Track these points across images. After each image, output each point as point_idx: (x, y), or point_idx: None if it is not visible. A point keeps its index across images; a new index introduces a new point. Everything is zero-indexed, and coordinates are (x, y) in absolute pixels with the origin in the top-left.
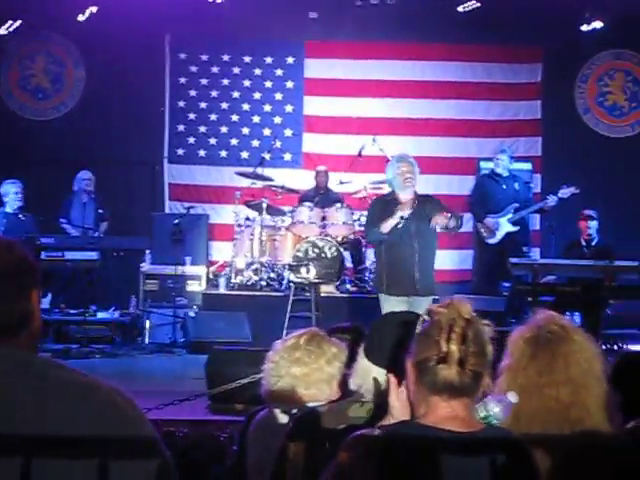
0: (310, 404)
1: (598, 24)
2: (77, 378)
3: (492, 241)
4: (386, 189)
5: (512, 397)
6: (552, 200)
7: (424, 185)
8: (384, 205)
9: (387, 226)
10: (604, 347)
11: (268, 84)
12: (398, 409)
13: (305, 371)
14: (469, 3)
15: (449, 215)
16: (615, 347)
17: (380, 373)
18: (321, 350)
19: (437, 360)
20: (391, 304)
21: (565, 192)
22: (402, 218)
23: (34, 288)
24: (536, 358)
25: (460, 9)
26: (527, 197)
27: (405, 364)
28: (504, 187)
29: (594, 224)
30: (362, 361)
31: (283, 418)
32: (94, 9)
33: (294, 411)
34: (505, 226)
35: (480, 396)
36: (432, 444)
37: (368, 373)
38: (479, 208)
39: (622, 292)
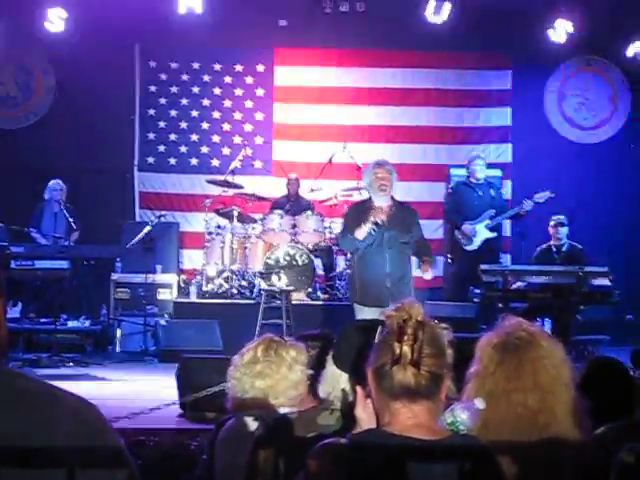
0: (281, 410)
1: (568, 29)
2: (40, 387)
3: (470, 248)
4: (356, 196)
5: (479, 403)
6: (528, 205)
7: (394, 193)
8: (359, 212)
9: (361, 233)
10: (574, 353)
11: (238, 92)
12: (365, 421)
13: (269, 383)
14: (438, 9)
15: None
16: (585, 353)
17: (348, 380)
18: (280, 358)
19: (391, 363)
20: (365, 314)
21: (540, 196)
22: (376, 225)
23: None
24: (504, 364)
25: (431, 17)
26: (502, 203)
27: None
28: (480, 194)
29: (564, 230)
30: (331, 368)
31: (252, 425)
32: (63, 15)
33: (264, 418)
34: (482, 232)
35: (446, 402)
36: (398, 452)
37: (337, 380)
38: (456, 215)
39: (592, 298)
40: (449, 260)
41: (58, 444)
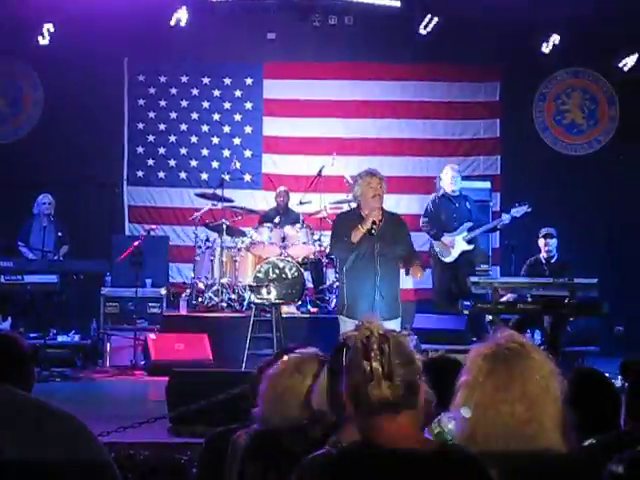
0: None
1: (556, 41)
2: (28, 402)
3: (448, 259)
4: (346, 209)
5: (465, 412)
6: (506, 219)
7: (384, 204)
8: (349, 220)
9: (357, 235)
10: (564, 364)
11: (227, 105)
12: None
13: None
14: (426, 21)
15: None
16: (575, 364)
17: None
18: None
19: (364, 382)
20: (349, 327)
21: (518, 210)
22: (374, 225)
23: None
24: (493, 374)
25: (419, 29)
26: (478, 216)
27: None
28: (457, 206)
29: (554, 242)
30: (324, 379)
31: (242, 438)
32: (50, 27)
33: (253, 431)
34: (460, 244)
35: (430, 412)
36: (387, 463)
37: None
38: (435, 227)
39: (582, 309)
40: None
41: (46, 458)
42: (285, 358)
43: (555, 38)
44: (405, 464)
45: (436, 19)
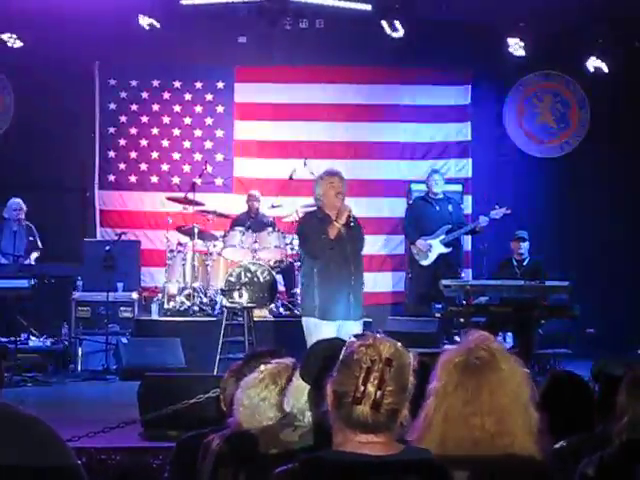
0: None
1: (526, 44)
2: None
3: (425, 263)
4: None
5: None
6: (484, 221)
7: (354, 208)
8: (317, 221)
9: (333, 230)
10: (536, 367)
11: (198, 109)
12: None
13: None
14: (396, 25)
15: None
16: (547, 366)
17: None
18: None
19: (352, 399)
20: (319, 328)
21: (497, 213)
22: (348, 218)
23: None
24: (462, 386)
25: (390, 33)
26: (460, 219)
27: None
28: (437, 209)
29: (525, 245)
30: (297, 382)
31: (214, 442)
32: (21, 33)
33: (225, 434)
34: (437, 248)
35: (402, 434)
36: (352, 468)
37: (301, 393)
38: (412, 230)
39: (553, 312)
40: (409, 276)
41: (14, 463)
42: (261, 368)
43: (525, 41)
44: (371, 470)
45: (407, 23)
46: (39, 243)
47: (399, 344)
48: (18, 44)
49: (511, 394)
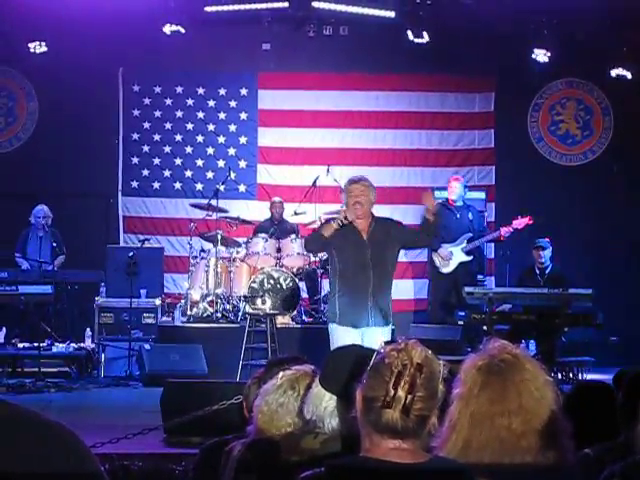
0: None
1: (550, 52)
2: (19, 413)
3: (446, 270)
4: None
5: None
6: (506, 231)
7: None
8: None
9: (328, 229)
10: (559, 375)
11: (222, 116)
12: None
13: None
14: (420, 32)
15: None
16: (570, 375)
17: (333, 400)
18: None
19: (382, 403)
20: (341, 335)
21: (519, 223)
22: (345, 220)
23: None
24: (488, 386)
25: (414, 40)
26: (481, 227)
27: (355, 393)
28: (458, 217)
29: (547, 253)
30: (316, 389)
31: (236, 449)
32: (46, 39)
33: (247, 442)
34: (458, 255)
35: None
36: (379, 474)
37: (321, 400)
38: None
39: (576, 320)
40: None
41: (37, 470)
42: (280, 375)
43: (549, 49)
44: (397, 478)
45: (431, 31)
46: (63, 249)
47: (430, 351)
48: (43, 50)
49: (537, 393)
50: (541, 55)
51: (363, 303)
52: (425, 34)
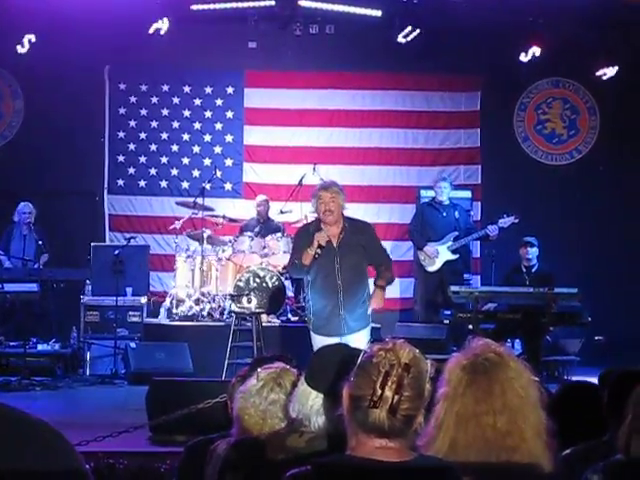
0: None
1: (536, 51)
2: (4, 411)
3: (432, 269)
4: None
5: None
6: (493, 230)
7: (363, 214)
8: (309, 234)
9: (307, 257)
10: (544, 374)
11: (208, 114)
12: None
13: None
14: (407, 31)
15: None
16: (555, 374)
17: (319, 399)
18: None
19: (369, 403)
20: (319, 343)
21: (505, 221)
22: (320, 248)
23: None
24: (473, 385)
25: (400, 39)
26: (467, 225)
27: (342, 391)
28: (444, 215)
29: (534, 251)
30: (302, 387)
31: (221, 448)
32: (32, 37)
33: (232, 440)
34: (444, 254)
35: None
36: (365, 472)
37: (307, 398)
38: (419, 236)
39: (562, 319)
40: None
41: (20, 468)
42: (259, 375)
43: (535, 48)
44: (383, 476)
45: (417, 29)
46: (46, 246)
47: (417, 351)
48: (28, 49)
49: (521, 392)
50: (527, 54)
51: (334, 311)
52: (411, 33)
